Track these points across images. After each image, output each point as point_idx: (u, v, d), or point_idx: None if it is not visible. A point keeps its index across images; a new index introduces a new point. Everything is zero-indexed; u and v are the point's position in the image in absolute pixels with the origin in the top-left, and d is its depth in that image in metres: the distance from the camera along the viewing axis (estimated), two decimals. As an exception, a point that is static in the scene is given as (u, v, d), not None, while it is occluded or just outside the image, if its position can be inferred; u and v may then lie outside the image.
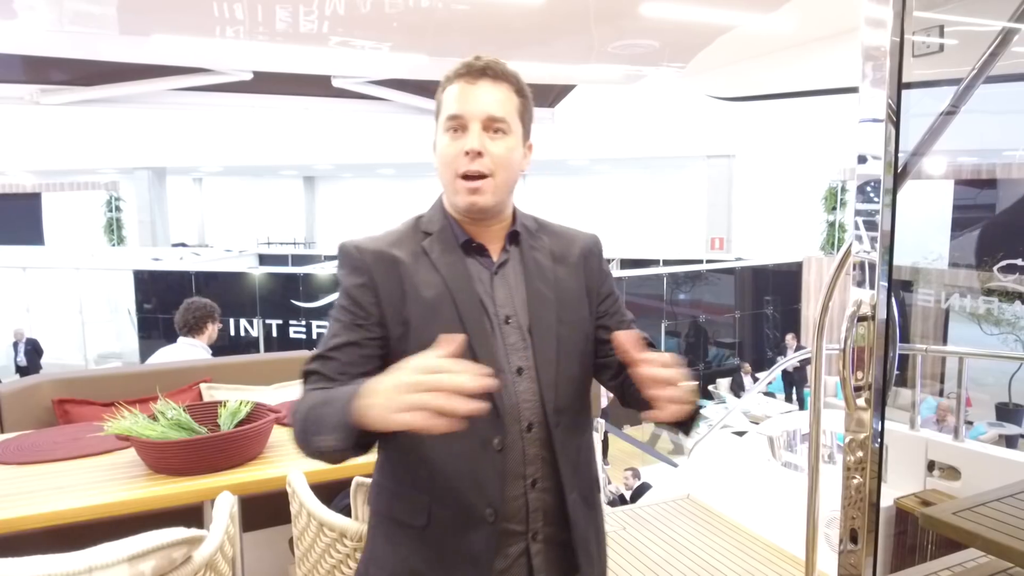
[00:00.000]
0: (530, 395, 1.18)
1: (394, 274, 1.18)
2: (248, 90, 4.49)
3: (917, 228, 11.25)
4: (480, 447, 1.14)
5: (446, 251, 1.21)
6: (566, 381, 1.21)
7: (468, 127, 1.17)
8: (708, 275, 14.12)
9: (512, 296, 1.22)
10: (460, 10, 3.00)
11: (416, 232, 1.24)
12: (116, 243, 17.55)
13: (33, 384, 2.85)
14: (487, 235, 1.25)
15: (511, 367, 1.18)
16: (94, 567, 1.43)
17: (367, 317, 1.17)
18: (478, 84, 1.18)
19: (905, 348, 3.20)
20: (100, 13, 3.43)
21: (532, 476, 1.18)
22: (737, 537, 3.30)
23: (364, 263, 1.19)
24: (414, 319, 1.16)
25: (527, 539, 1.18)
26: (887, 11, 1.53)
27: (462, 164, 1.17)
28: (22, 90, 4.11)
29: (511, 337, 1.19)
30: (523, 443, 1.17)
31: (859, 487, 1.61)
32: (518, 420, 1.17)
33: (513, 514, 1.17)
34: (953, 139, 2.19)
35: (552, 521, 1.20)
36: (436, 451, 1.15)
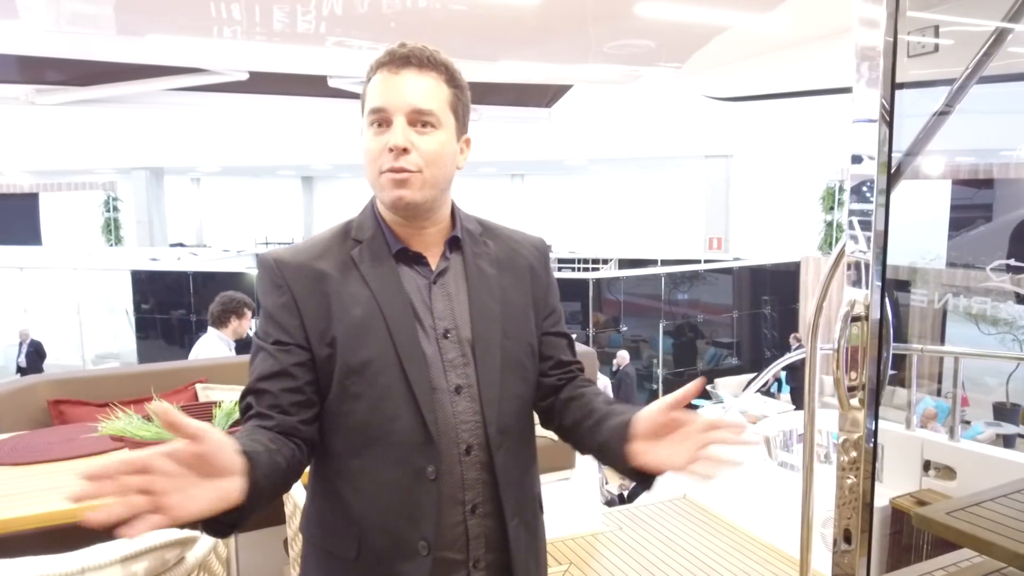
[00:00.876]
0: (469, 415, 1.09)
1: (318, 290, 1.08)
2: (244, 90, 4.48)
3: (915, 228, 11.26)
4: (413, 477, 1.06)
5: (377, 261, 1.11)
6: (510, 399, 1.12)
7: (392, 121, 1.06)
8: (706, 275, 14.12)
9: (452, 308, 1.12)
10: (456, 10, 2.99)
11: (345, 240, 1.13)
12: (114, 243, 17.51)
13: (29, 385, 2.85)
14: (424, 241, 1.14)
15: (449, 385, 1.09)
16: (87, 568, 1.43)
17: (292, 340, 1.07)
18: (401, 74, 1.07)
19: (900, 348, 3.20)
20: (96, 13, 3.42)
21: (472, 502, 1.09)
22: (733, 537, 3.30)
23: (284, 280, 1.09)
24: (341, 339, 1.06)
25: (467, 568, 1.10)
26: (880, 11, 1.53)
27: (386, 161, 1.06)
28: (17, 90, 4.10)
29: (450, 353, 1.10)
30: (461, 468, 1.08)
31: (853, 487, 1.61)
32: (456, 443, 1.08)
33: (452, 543, 1.09)
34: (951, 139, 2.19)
35: (495, 547, 1.11)
36: (366, 481, 1.08)
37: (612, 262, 16.87)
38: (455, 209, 1.19)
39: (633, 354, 14.19)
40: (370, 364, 1.05)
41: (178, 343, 13.12)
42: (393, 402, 1.06)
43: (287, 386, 1.05)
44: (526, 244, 1.25)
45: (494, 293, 1.15)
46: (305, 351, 1.07)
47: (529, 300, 1.20)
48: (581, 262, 17.63)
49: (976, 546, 1.49)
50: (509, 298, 1.17)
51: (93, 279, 14.41)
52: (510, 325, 1.15)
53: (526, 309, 1.19)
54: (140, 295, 14.07)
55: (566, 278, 14.78)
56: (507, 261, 1.20)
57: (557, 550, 3.15)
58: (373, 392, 1.06)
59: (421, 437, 1.06)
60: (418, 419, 1.06)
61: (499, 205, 20.59)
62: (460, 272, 1.15)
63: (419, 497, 1.06)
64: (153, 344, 13.64)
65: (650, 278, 13.81)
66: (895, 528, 2.80)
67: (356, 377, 1.06)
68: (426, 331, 1.10)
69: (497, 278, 1.17)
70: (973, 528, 1.49)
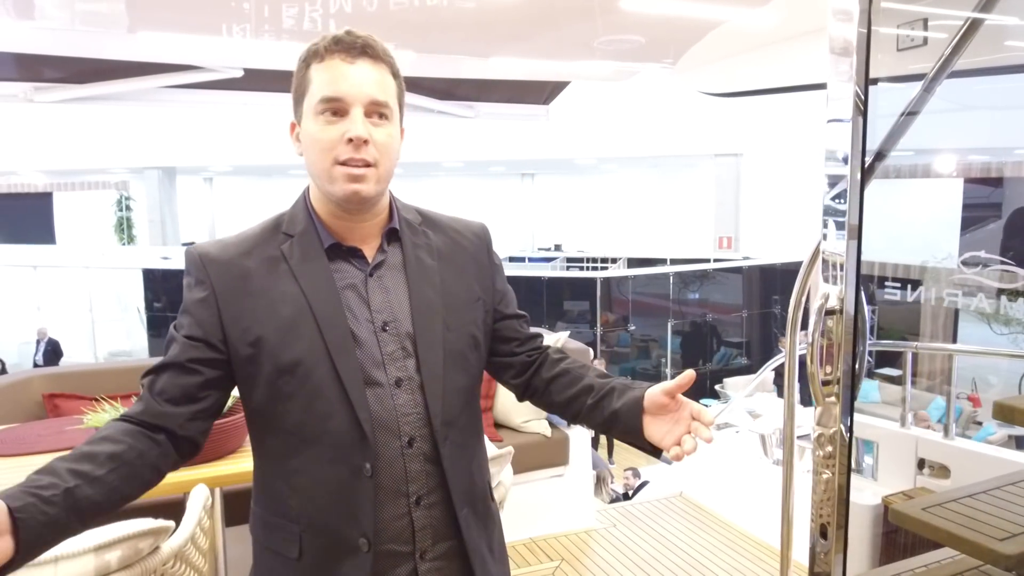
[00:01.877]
0: (410, 408, 1.08)
1: (243, 290, 1.07)
2: (240, 87, 4.50)
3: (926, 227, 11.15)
4: (350, 475, 1.06)
5: (307, 257, 1.09)
6: (454, 392, 1.12)
7: (348, 111, 1.04)
8: (716, 274, 14.06)
9: (390, 301, 1.11)
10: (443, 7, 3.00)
11: (275, 234, 1.11)
12: (126, 242, 17.68)
13: (24, 379, 2.88)
14: (359, 233, 1.12)
15: (389, 379, 1.08)
16: (60, 556, 1.45)
17: (203, 337, 1.06)
18: (357, 63, 1.05)
19: (897, 345, 3.17)
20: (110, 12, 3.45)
21: (416, 493, 1.09)
22: (727, 534, 3.28)
23: (207, 276, 1.07)
24: (269, 338, 1.05)
25: (414, 560, 1.09)
26: (854, 4, 1.52)
27: (343, 152, 1.04)
28: (15, 88, 4.15)
29: (389, 346, 1.09)
30: (404, 459, 1.08)
31: (828, 482, 1.60)
32: (397, 435, 1.07)
33: (396, 535, 1.08)
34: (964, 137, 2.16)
35: (443, 537, 1.11)
36: (303, 480, 1.07)
37: (621, 261, 16.83)
38: (393, 200, 1.17)
39: (642, 354, 14.15)
40: (300, 363, 1.05)
41: (188, 341, 13.21)
42: (326, 400, 1.05)
43: (185, 381, 1.05)
44: (467, 233, 1.24)
45: (435, 285, 1.14)
46: (216, 350, 1.07)
47: (474, 291, 1.19)
48: (590, 261, 17.60)
49: (948, 541, 1.48)
50: (450, 290, 1.16)
51: (106, 277, 14.56)
52: (451, 317, 1.14)
53: (469, 301, 1.18)
54: (152, 293, 14.19)
55: (574, 277, 14.77)
56: (448, 251, 1.19)
57: (549, 546, 3.15)
58: (305, 392, 1.05)
59: (356, 435, 1.05)
60: (352, 417, 1.05)
61: (508, 204, 20.60)
62: (399, 264, 1.14)
63: (357, 494, 1.06)
64: (164, 342, 13.76)
65: (659, 277, 13.76)
66: (888, 528, 2.78)
67: (287, 377, 1.05)
68: (363, 325, 1.09)
69: (437, 269, 1.16)
70: (946, 523, 1.47)
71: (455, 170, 19.43)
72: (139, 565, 1.54)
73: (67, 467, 0.94)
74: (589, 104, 12.79)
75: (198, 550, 1.80)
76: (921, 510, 1.53)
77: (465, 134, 13.67)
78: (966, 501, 1.56)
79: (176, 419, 1.05)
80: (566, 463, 3.28)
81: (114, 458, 0.98)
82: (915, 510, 1.54)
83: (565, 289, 13.38)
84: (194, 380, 1.06)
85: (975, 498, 1.57)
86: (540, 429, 3.21)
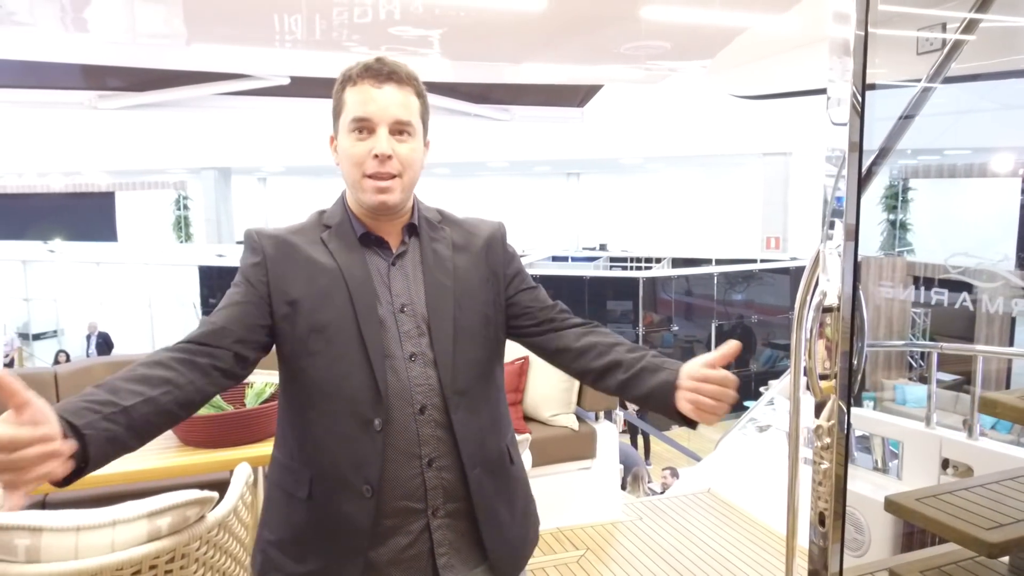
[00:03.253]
0: (422, 379, 1.23)
1: (289, 256, 1.25)
2: (287, 94, 4.73)
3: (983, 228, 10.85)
4: (360, 428, 1.20)
5: (344, 243, 1.27)
6: (466, 364, 1.26)
7: (375, 130, 1.22)
8: (762, 275, 13.91)
9: (409, 286, 1.27)
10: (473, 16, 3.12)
11: (317, 224, 1.31)
12: (184, 240, 18.30)
13: (87, 366, 3.12)
14: (386, 228, 1.30)
15: (404, 353, 1.23)
16: (118, 520, 1.62)
17: (253, 290, 1.23)
18: (383, 88, 1.22)
19: (922, 346, 3.19)
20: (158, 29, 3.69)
21: (428, 456, 1.22)
22: (752, 530, 3.34)
23: (261, 245, 1.26)
24: (304, 301, 1.22)
25: (427, 516, 1.23)
26: (851, 5, 1.56)
27: (370, 165, 1.22)
28: (81, 96, 4.45)
29: (406, 325, 1.24)
30: (416, 424, 1.21)
31: (826, 472, 1.68)
32: (410, 403, 1.21)
33: (410, 493, 1.22)
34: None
35: (453, 497, 1.24)
36: (318, 429, 1.22)
37: (665, 261, 16.75)
38: (416, 202, 1.35)
39: (686, 354, 14.03)
40: (330, 325, 1.21)
41: (240, 336, 13.62)
42: (348, 361, 1.21)
43: (236, 315, 1.21)
44: (483, 229, 1.39)
45: (448, 272, 1.30)
46: (264, 302, 1.23)
47: (485, 276, 1.33)
48: (633, 261, 17.55)
49: (940, 530, 1.54)
50: (463, 275, 1.31)
51: (164, 274, 15.11)
52: (463, 298, 1.29)
53: (482, 284, 1.32)
54: (207, 289, 14.69)
55: (616, 277, 14.76)
56: (463, 244, 1.34)
57: (575, 535, 3.26)
58: (330, 351, 1.21)
59: (371, 394, 1.20)
60: (370, 378, 1.20)
61: (553, 204, 20.66)
62: (417, 255, 1.30)
63: (365, 446, 1.20)
64: (221, 300, 14.17)
65: (703, 278, 13.67)
66: (907, 528, 2.80)
67: (316, 336, 1.21)
68: (384, 306, 1.25)
69: (452, 258, 1.31)
70: (938, 514, 1.53)
71: (500, 170, 19.60)
72: (187, 532, 1.70)
73: (125, 387, 1.05)
74: (634, 104, 12.79)
75: (240, 522, 1.96)
76: (915, 500, 1.58)
77: (510, 134, 13.80)
78: (961, 493, 1.61)
79: (225, 339, 1.18)
80: (593, 456, 3.38)
81: (167, 381, 1.09)
82: (910, 501, 1.60)
83: (608, 289, 13.40)
84: (243, 318, 1.22)
85: (971, 491, 1.62)
86: (568, 423, 3.31)
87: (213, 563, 1.81)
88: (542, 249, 17.23)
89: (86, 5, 3.27)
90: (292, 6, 3.53)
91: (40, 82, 4.34)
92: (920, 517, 1.56)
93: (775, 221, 16.16)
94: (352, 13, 3.29)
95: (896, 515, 1.65)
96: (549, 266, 15.99)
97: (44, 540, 1.57)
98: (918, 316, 10.16)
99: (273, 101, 4.92)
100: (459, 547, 1.26)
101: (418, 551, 1.23)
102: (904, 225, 13.99)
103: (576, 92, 5.26)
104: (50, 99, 4.60)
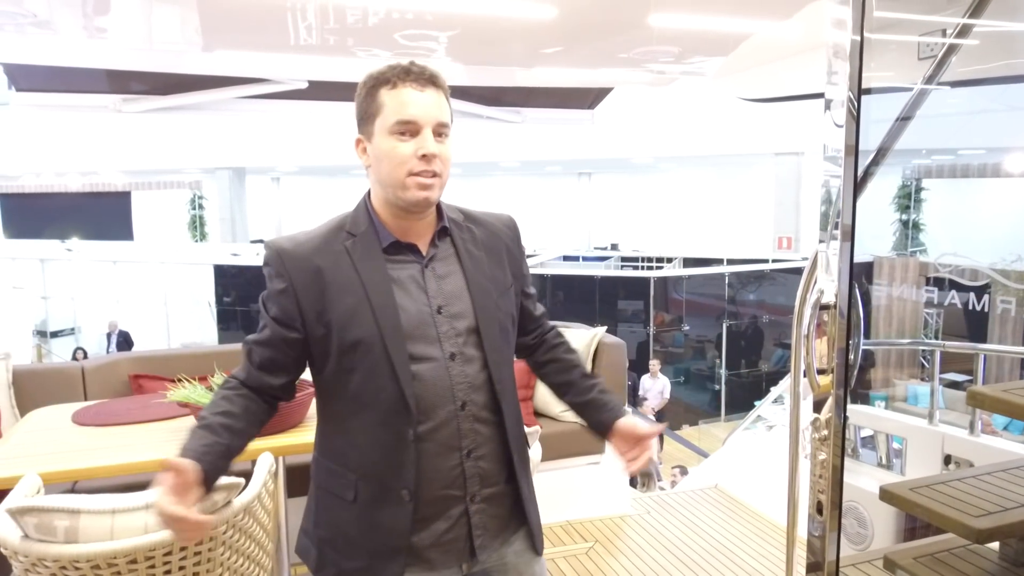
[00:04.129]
0: (462, 378, 1.30)
1: (316, 283, 1.28)
2: (305, 97, 4.84)
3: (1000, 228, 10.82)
4: (395, 438, 1.28)
5: (368, 254, 1.30)
6: (504, 361, 1.36)
7: (420, 132, 1.26)
8: (774, 275, 13.90)
9: (443, 287, 1.32)
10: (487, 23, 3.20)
11: (339, 233, 1.32)
12: (199, 239, 18.48)
13: (113, 361, 3.23)
14: (415, 231, 1.33)
15: (444, 354, 1.29)
16: (151, 504, 1.71)
17: (287, 320, 1.30)
18: (426, 91, 1.27)
19: (924, 343, 3.25)
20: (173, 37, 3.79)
21: (467, 448, 1.31)
22: (758, 524, 3.40)
23: (286, 271, 1.29)
24: (336, 322, 1.27)
25: (465, 502, 1.32)
26: (847, 11, 1.62)
27: (417, 165, 1.25)
28: (106, 99, 4.57)
29: (443, 326, 1.30)
30: (457, 420, 1.29)
31: (824, 463, 1.75)
32: (452, 401, 1.29)
33: (450, 483, 1.31)
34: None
35: (490, 483, 1.34)
36: (360, 438, 1.31)
37: (676, 261, 16.76)
38: (440, 202, 1.38)
39: (697, 354, 14.11)
40: (360, 343, 1.27)
41: (256, 335, 13.76)
42: (380, 376, 1.28)
43: (274, 355, 1.33)
44: (501, 225, 1.46)
45: (486, 274, 1.37)
46: (297, 331, 1.31)
47: (509, 277, 1.42)
48: (644, 261, 17.59)
49: (931, 517, 1.60)
50: (495, 276, 1.39)
51: (179, 273, 15.29)
52: (500, 298, 1.38)
53: (507, 285, 1.41)
54: (222, 288, 14.86)
55: (627, 276, 14.80)
56: (490, 244, 1.41)
57: (584, 528, 3.33)
58: (364, 367, 1.28)
59: (401, 407, 1.27)
60: (398, 392, 1.27)
61: (564, 203, 20.70)
62: (451, 256, 1.36)
63: (401, 454, 1.28)
64: (233, 335, 14.37)
65: (715, 277, 13.69)
66: (909, 524, 2.87)
67: (351, 354, 1.28)
68: (421, 309, 1.30)
69: (484, 259, 1.38)
70: (930, 502, 1.60)
71: (512, 170, 19.67)
72: (215, 516, 1.79)
73: (220, 423, 1.29)
74: (644, 104, 12.82)
75: (263, 508, 2.05)
76: (909, 490, 1.65)
77: (521, 134, 13.87)
78: (955, 484, 1.68)
79: (270, 385, 1.35)
80: (602, 451, 3.45)
81: (245, 415, 1.32)
82: (903, 490, 1.66)
83: (619, 289, 13.45)
84: (281, 355, 1.33)
85: (964, 481, 1.69)
86: (577, 418, 3.39)
87: (239, 547, 1.90)
88: (553, 249, 17.30)
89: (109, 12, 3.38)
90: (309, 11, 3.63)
91: (68, 86, 4.47)
92: (912, 505, 1.63)
93: (787, 221, 16.15)
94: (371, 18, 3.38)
95: (890, 504, 1.71)
96: (560, 266, 16.05)
97: (82, 522, 1.67)
98: (930, 316, 10.16)
99: (291, 104, 5.03)
100: (491, 528, 1.36)
101: (456, 534, 1.33)
102: (917, 225, 13.97)
103: (587, 94, 5.35)
104: (77, 102, 4.74)
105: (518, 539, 1.41)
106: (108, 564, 1.67)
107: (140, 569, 1.70)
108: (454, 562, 1.34)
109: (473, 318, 1.32)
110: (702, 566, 3.03)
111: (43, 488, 1.94)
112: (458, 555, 1.34)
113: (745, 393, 12.72)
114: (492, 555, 1.38)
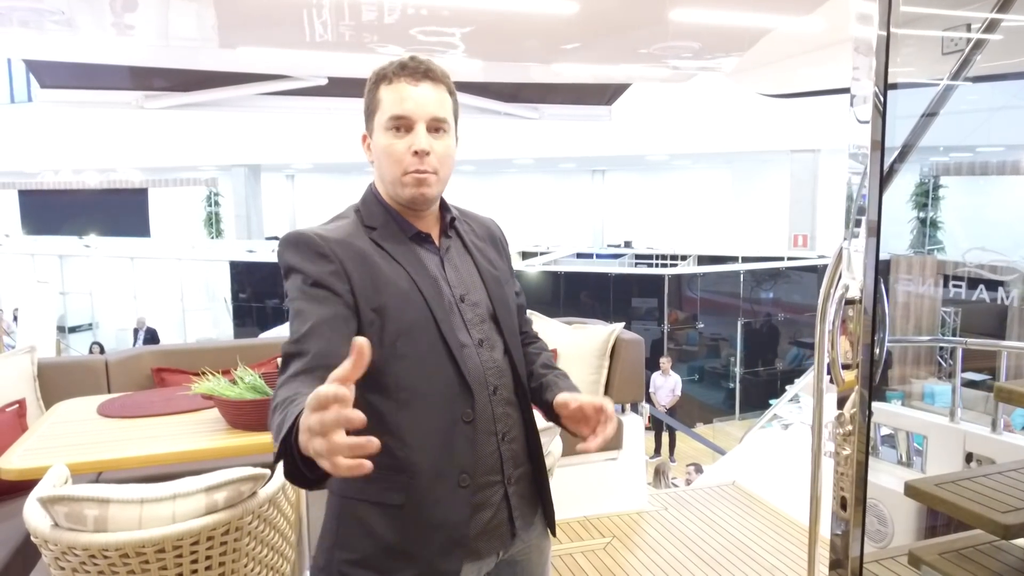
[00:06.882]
0: (492, 363, 1.30)
1: (363, 264, 1.23)
2: (324, 93, 4.86)
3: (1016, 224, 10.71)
4: (451, 422, 1.24)
5: (398, 244, 1.28)
6: (518, 347, 1.39)
7: (414, 127, 1.24)
8: (789, 273, 13.83)
9: (461, 277, 1.33)
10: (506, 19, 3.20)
11: (360, 227, 1.29)
12: (215, 236, 18.63)
13: (136, 354, 3.26)
14: (426, 224, 1.33)
15: (473, 340, 1.29)
16: (178, 494, 1.74)
17: (339, 300, 1.19)
18: (420, 86, 1.24)
19: (946, 340, 3.23)
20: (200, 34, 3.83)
21: (502, 432, 1.31)
22: (775, 520, 3.39)
23: (332, 251, 1.22)
24: (390, 308, 1.22)
25: (504, 485, 1.31)
26: (873, 7, 1.61)
27: (411, 162, 1.24)
28: (129, 96, 4.63)
29: (468, 314, 1.31)
30: (492, 405, 1.29)
31: (848, 458, 1.75)
32: (485, 386, 1.28)
33: (491, 468, 1.29)
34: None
35: (519, 464, 1.35)
36: (414, 430, 1.23)
37: (691, 258, 16.72)
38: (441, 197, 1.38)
39: (711, 352, 14.07)
40: (414, 327, 1.24)
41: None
42: (434, 360, 1.25)
43: (329, 343, 1.16)
44: (491, 225, 1.48)
45: (493, 263, 1.40)
46: (351, 311, 1.20)
47: (508, 269, 1.45)
48: (659, 258, 17.55)
49: (956, 513, 1.60)
50: (499, 266, 1.41)
51: (195, 269, 15.42)
52: (507, 287, 1.40)
53: (509, 277, 1.44)
54: (238, 285, 14.97)
55: (641, 274, 14.77)
56: (487, 237, 1.44)
57: (601, 524, 3.34)
58: (417, 352, 1.23)
59: (459, 388, 1.26)
60: (456, 373, 1.26)
61: (579, 201, 20.69)
62: (460, 248, 1.37)
63: (458, 437, 1.25)
64: (249, 331, 14.48)
65: (729, 275, 13.64)
66: (932, 521, 2.85)
67: (405, 339, 1.23)
68: (445, 298, 1.29)
69: (488, 250, 1.41)
70: (956, 498, 1.59)
71: (526, 167, 19.68)
72: (240, 506, 1.81)
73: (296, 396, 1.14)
74: (661, 101, 12.79)
75: (287, 500, 2.08)
76: (935, 486, 1.65)
77: (535, 132, 13.87)
78: (980, 480, 1.67)
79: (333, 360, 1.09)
80: (620, 447, 3.46)
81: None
82: (929, 486, 1.66)
83: (633, 286, 13.43)
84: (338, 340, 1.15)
85: (990, 477, 1.68)
86: (595, 414, 3.39)
87: (263, 537, 1.92)
88: (567, 246, 17.29)
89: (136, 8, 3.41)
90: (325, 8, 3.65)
91: (92, 83, 4.53)
92: (937, 500, 1.62)
93: (803, 219, 16.04)
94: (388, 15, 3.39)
95: (915, 499, 1.70)
96: (574, 263, 16.05)
97: (111, 511, 1.69)
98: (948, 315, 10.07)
99: (311, 101, 5.07)
100: (525, 510, 1.37)
101: (499, 519, 1.32)
102: (935, 223, 13.84)
103: (604, 90, 5.34)
104: (100, 99, 4.81)
105: (538, 520, 1.42)
106: (136, 553, 1.69)
107: (168, 558, 1.73)
108: (497, 548, 1.34)
109: (490, 305, 1.34)
110: (720, 562, 3.02)
111: (71, 478, 1.97)
112: (501, 540, 1.33)
113: (759, 392, 12.67)
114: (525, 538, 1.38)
